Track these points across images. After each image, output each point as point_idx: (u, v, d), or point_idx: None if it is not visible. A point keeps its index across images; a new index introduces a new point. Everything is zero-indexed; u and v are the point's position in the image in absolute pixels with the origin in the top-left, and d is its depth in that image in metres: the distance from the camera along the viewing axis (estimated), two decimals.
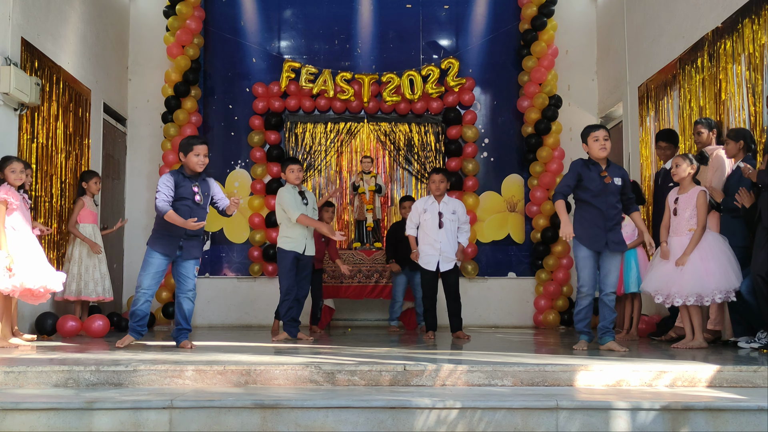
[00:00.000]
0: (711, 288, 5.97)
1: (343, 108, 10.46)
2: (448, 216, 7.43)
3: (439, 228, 7.40)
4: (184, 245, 6.25)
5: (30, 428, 3.87)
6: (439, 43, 10.77)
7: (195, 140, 6.36)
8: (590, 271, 6.00)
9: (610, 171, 5.98)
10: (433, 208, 7.46)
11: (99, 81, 9.55)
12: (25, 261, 6.18)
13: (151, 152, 10.48)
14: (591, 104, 10.79)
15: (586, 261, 5.99)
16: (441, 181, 7.48)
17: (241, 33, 10.65)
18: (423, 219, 7.49)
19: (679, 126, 8.02)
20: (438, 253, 7.40)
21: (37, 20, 7.85)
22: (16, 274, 6.08)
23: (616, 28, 10.04)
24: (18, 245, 6.20)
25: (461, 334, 7.46)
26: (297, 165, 7.31)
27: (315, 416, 3.94)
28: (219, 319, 10.07)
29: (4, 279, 6.03)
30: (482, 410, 3.95)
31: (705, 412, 3.95)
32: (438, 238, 7.40)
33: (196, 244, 6.36)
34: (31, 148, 7.64)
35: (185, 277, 6.31)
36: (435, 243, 7.40)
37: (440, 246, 7.39)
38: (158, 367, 4.60)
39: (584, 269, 6.00)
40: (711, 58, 7.37)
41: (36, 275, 6.19)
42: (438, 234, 7.40)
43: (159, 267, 6.21)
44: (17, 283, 6.09)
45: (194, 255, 6.34)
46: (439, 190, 7.48)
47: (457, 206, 7.57)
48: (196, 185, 6.26)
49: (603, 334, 5.99)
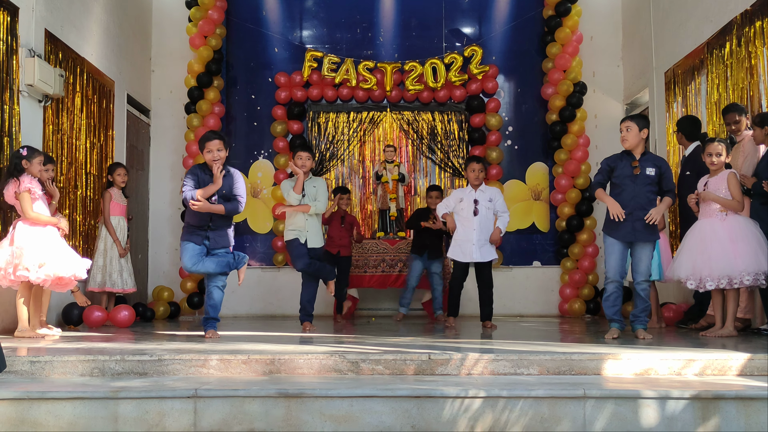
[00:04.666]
0: (740, 270, 5.88)
1: (365, 97, 10.42)
2: (484, 203, 7.39)
3: (474, 215, 7.36)
4: (211, 236, 6.28)
5: (56, 417, 3.89)
6: (462, 31, 10.68)
7: (206, 136, 6.31)
8: (616, 258, 6.03)
9: (644, 161, 5.96)
10: (469, 197, 7.44)
11: (122, 72, 9.58)
12: (54, 250, 6.25)
13: (174, 143, 10.52)
14: (616, 91, 10.65)
15: (613, 248, 6.06)
16: (480, 170, 7.46)
17: (263, 23, 10.63)
18: (459, 207, 7.47)
19: (707, 111, 7.89)
20: (472, 241, 7.33)
21: (61, 12, 7.87)
22: (47, 263, 6.16)
23: (642, 13, 9.90)
24: (44, 235, 6.27)
25: (488, 323, 7.43)
26: (304, 152, 7.09)
27: (339, 405, 3.92)
28: (243, 309, 10.09)
29: (35, 269, 6.11)
30: (508, 399, 3.91)
31: (736, 401, 3.88)
32: (473, 225, 7.35)
33: (223, 233, 6.36)
34: (56, 140, 7.68)
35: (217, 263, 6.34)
36: (469, 231, 7.35)
37: (475, 234, 7.33)
38: (183, 357, 4.61)
39: (610, 256, 6.07)
40: (740, 41, 7.23)
41: (65, 263, 6.29)
42: (473, 221, 7.36)
43: (194, 249, 6.24)
44: (50, 273, 6.17)
45: (222, 244, 6.34)
46: (478, 179, 7.45)
47: (495, 194, 7.52)
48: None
49: (632, 321, 6.07)
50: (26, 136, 6.99)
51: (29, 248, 6.13)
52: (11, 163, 6.33)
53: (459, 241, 7.44)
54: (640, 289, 5.99)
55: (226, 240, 6.40)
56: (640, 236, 5.95)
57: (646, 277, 5.98)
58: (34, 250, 6.14)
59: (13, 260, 6.09)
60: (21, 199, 6.21)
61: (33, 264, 6.11)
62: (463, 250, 7.39)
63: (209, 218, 6.25)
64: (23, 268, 6.08)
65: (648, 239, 5.98)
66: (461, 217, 7.44)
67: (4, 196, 6.29)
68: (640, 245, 5.99)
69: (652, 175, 5.95)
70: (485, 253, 7.38)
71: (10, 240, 6.19)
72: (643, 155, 6.01)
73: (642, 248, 6.00)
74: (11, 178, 6.25)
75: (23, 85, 6.97)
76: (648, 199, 5.96)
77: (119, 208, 8.18)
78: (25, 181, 6.23)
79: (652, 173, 5.95)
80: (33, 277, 6.13)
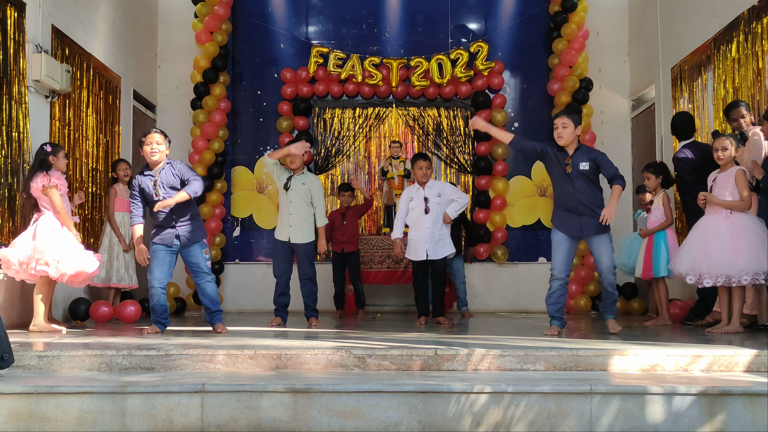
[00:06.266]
0: (739, 268, 5.84)
1: (371, 93, 10.42)
2: (434, 200, 7.28)
3: (425, 213, 7.27)
4: (181, 233, 6.19)
5: (64, 411, 3.91)
6: (468, 27, 10.67)
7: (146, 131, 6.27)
8: (563, 254, 6.03)
9: (576, 156, 5.93)
10: (419, 195, 7.33)
11: (129, 68, 9.59)
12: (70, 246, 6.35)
13: (180, 139, 10.50)
14: (623, 87, 10.64)
15: (559, 244, 6.05)
16: (428, 167, 7.33)
17: (269, 18, 10.63)
18: (411, 207, 7.37)
19: (713, 108, 7.87)
20: (425, 240, 7.26)
21: (68, 8, 7.89)
22: (65, 259, 6.23)
23: (648, 9, 9.87)
24: (63, 231, 6.38)
25: (442, 319, 7.37)
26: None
27: (346, 400, 3.93)
28: (250, 304, 10.12)
29: (54, 264, 6.19)
30: (514, 395, 3.91)
31: (743, 397, 3.88)
32: (425, 224, 7.26)
33: (192, 228, 6.24)
34: (63, 135, 7.70)
35: (195, 263, 6.31)
36: (422, 230, 7.27)
37: (428, 232, 7.25)
38: (190, 352, 4.62)
39: (557, 252, 6.06)
40: (747, 37, 7.20)
41: (80, 259, 6.38)
42: (425, 220, 7.26)
43: (164, 258, 6.18)
44: (68, 269, 6.26)
45: (194, 239, 6.26)
46: (426, 176, 7.32)
47: (443, 187, 7.42)
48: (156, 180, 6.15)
49: (603, 313, 6.22)
50: (33, 131, 7.01)
51: (50, 244, 6.20)
52: (37, 159, 6.45)
53: (413, 240, 7.35)
54: (607, 283, 6.00)
55: (197, 234, 6.28)
56: (588, 231, 5.94)
57: (611, 270, 5.95)
58: (55, 245, 6.22)
59: (34, 254, 6.15)
60: (50, 194, 6.32)
61: (53, 259, 6.17)
62: (417, 249, 7.31)
63: (171, 213, 6.14)
64: (44, 263, 6.15)
65: (598, 231, 5.93)
66: (414, 217, 7.34)
67: (31, 188, 6.37)
68: (595, 240, 5.95)
69: (587, 169, 5.92)
70: (439, 249, 7.29)
71: (32, 234, 6.25)
72: (576, 150, 5.97)
73: (598, 242, 5.95)
74: (40, 171, 6.35)
75: (30, 80, 7.00)
76: (591, 192, 5.94)
77: (124, 203, 8.19)
78: (54, 176, 6.36)
79: (586, 167, 5.91)
80: (53, 273, 6.18)
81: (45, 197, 6.34)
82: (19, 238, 6.28)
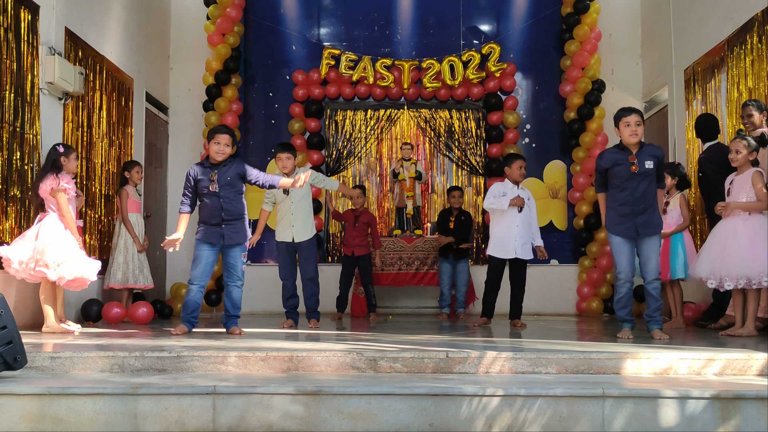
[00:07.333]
0: (758, 270, 5.81)
1: (383, 95, 10.42)
2: (526, 201, 7.35)
3: (518, 212, 7.28)
4: (226, 232, 6.26)
5: (76, 413, 3.92)
6: (480, 28, 10.66)
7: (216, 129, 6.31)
8: (626, 257, 5.91)
9: (642, 154, 5.84)
10: (513, 192, 7.35)
11: (141, 70, 9.63)
12: (71, 250, 6.34)
13: (192, 141, 10.56)
14: (635, 88, 10.59)
15: (621, 247, 5.92)
16: (524, 167, 7.44)
17: (280, 20, 10.65)
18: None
19: (727, 109, 7.83)
20: (514, 238, 7.27)
21: (81, 10, 7.92)
22: (65, 262, 6.23)
23: (661, 10, 9.83)
24: (65, 234, 6.38)
25: (518, 322, 7.39)
26: (284, 153, 7.06)
27: (357, 403, 3.92)
28: (261, 306, 10.12)
29: (54, 267, 6.19)
30: (526, 398, 3.89)
31: (756, 401, 3.84)
32: (516, 221, 7.27)
33: (238, 229, 6.33)
34: (76, 137, 7.73)
35: (232, 265, 6.38)
36: (512, 226, 7.26)
37: (518, 230, 7.27)
38: (201, 354, 4.62)
39: (620, 255, 5.93)
40: (761, 39, 7.16)
41: (80, 264, 6.37)
42: (516, 217, 7.28)
43: (208, 258, 6.26)
44: (68, 272, 6.26)
45: (237, 241, 6.33)
46: (523, 176, 7.44)
47: (531, 195, 7.53)
48: (215, 173, 6.20)
49: (648, 322, 5.93)
50: (46, 133, 7.05)
51: (52, 246, 6.20)
52: (49, 159, 6.47)
53: (501, 238, 7.34)
54: (651, 288, 5.86)
55: (240, 236, 6.36)
56: (644, 231, 5.84)
57: (656, 275, 5.86)
58: (56, 248, 6.22)
59: (35, 255, 6.16)
60: (58, 197, 6.34)
61: (53, 262, 6.18)
62: (507, 247, 7.31)
63: (221, 210, 6.21)
64: (43, 265, 6.15)
65: (653, 232, 5.87)
66: (501, 215, 7.33)
67: (40, 189, 6.39)
68: (646, 241, 5.86)
69: (651, 168, 5.83)
70: (527, 250, 7.34)
71: (35, 235, 6.26)
72: (640, 149, 5.89)
73: (648, 245, 5.86)
74: (50, 173, 6.37)
75: (43, 82, 7.03)
76: (652, 191, 5.87)
77: (136, 205, 8.23)
78: (63, 180, 6.37)
79: (651, 166, 5.83)
80: (51, 275, 6.18)
81: (52, 199, 6.36)
82: (21, 237, 6.29)
